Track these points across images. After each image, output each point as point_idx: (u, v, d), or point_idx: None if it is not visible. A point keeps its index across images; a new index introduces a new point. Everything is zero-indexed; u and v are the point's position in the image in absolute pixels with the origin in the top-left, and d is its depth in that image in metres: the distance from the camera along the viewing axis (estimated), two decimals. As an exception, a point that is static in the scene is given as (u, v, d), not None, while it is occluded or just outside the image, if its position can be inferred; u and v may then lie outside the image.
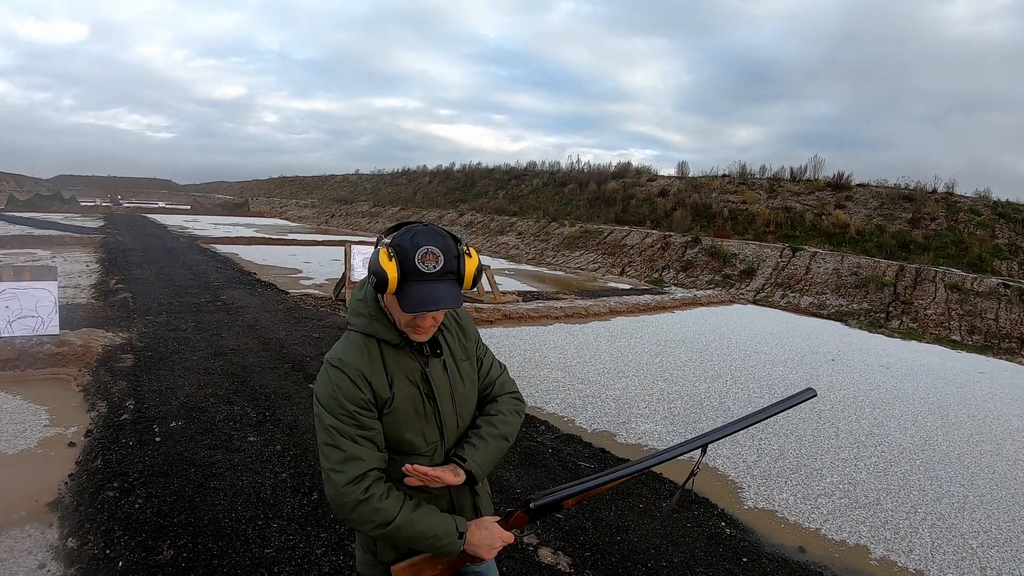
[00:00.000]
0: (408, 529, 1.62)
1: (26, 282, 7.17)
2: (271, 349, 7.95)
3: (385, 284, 1.56)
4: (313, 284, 14.60)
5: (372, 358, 1.68)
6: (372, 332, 1.69)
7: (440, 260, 1.58)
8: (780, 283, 18.64)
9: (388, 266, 1.55)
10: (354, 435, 1.61)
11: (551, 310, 12.29)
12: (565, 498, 1.76)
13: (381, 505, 1.59)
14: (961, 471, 5.82)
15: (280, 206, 57.45)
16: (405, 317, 1.64)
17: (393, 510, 1.61)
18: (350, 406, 1.62)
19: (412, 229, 1.62)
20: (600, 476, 1.79)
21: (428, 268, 1.57)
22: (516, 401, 1.96)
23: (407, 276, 1.56)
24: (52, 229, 23.89)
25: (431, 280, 1.58)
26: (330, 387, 1.64)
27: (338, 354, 1.69)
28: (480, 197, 39.09)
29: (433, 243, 1.59)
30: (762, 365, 9.39)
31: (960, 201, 21.91)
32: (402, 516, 1.61)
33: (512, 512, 1.77)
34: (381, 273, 1.55)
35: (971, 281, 16.21)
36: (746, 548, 4.10)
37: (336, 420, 1.62)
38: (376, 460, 1.64)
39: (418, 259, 1.56)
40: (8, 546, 3.43)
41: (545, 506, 1.75)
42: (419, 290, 1.57)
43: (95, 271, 14.22)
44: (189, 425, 5.26)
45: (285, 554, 3.49)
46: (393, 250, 1.58)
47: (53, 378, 6.46)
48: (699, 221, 25.50)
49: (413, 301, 1.57)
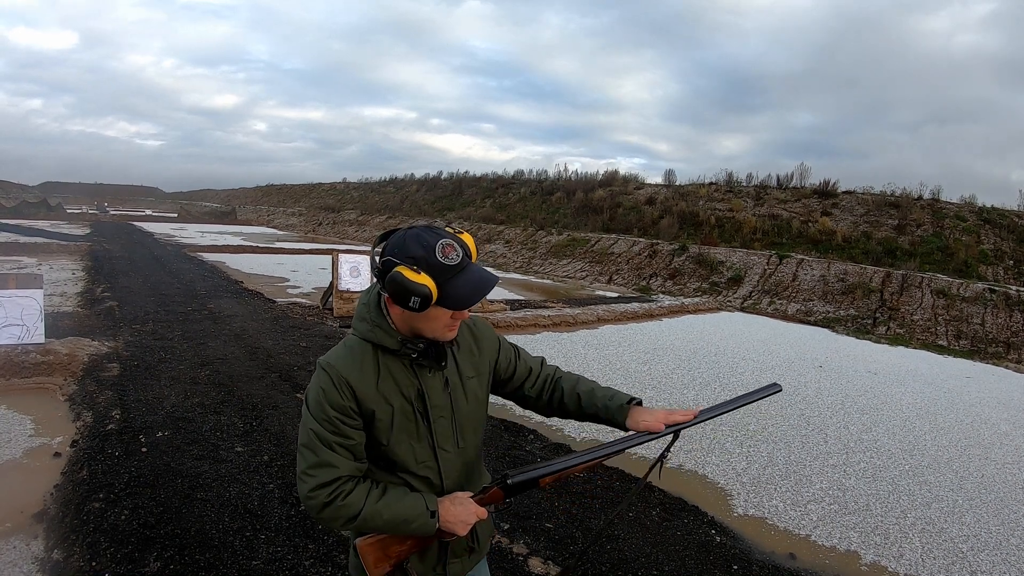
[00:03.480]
0: (377, 519, 1.57)
1: (11, 290, 7.10)
2: (258, 358, 7.90)
3: (430, 298, 1.51)
4: (300, 293, 14.57)
5: (364, 366, 1.64)
6: (372, 338, 1.65)
7: (457, 247, 1.57)
8: (767, 290, 18.71)
9: (423, 279, 1.50)
10: (331, 441, 1.57)
11: (539, 319, 12.29)
12: (542, 476, 1.73)
13: (345, 501, 1.55)
14: (950, 476, 5.84)
15: (267, 214, 57.34)
16: (442, 321, 1.61)
17: (358, 503, 1.56)
18: (331, 411, 1.58)
19: (409, 237, 1.57)
20: (576, 456, 1.79)
21: (453, 260, 1.54)
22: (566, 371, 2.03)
23: (441, 278, 1.53)
24: (38, 236, 23.73)
25: (464, 269, 1.56)
26: (317, 390, 1.61)
27: (330, 358, 1.66)
28: (468, 206, 39.15)
29: (443, 236, 1.57)
30: (750, 372, 9.41)
31: (945, 207, 22.09)
32: (368, 507, 1.56)
33: (488, 487, 1.72)
34: (421, 290, 1.50)
35: (957, 286, 16.33)
36: (737, 555, 4.10)
37: (317, 424, 1.59)
38: (350, 469, 1.60)
39: (440, 256, 1.53)
40: (-9, 559, 3.38)
41: (522, 483, 1.71)
42: (461, 284, 1.55)
43: (81, 279, 14.11)
44: (176, 435, 5.21)
45: (273, 566, 3.46)
46: (413, 263, 1.53)
47: (38, 387, 6.40)
48: (686, 229, 25.59)
49: (465, 296, 1.55)
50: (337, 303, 11.52)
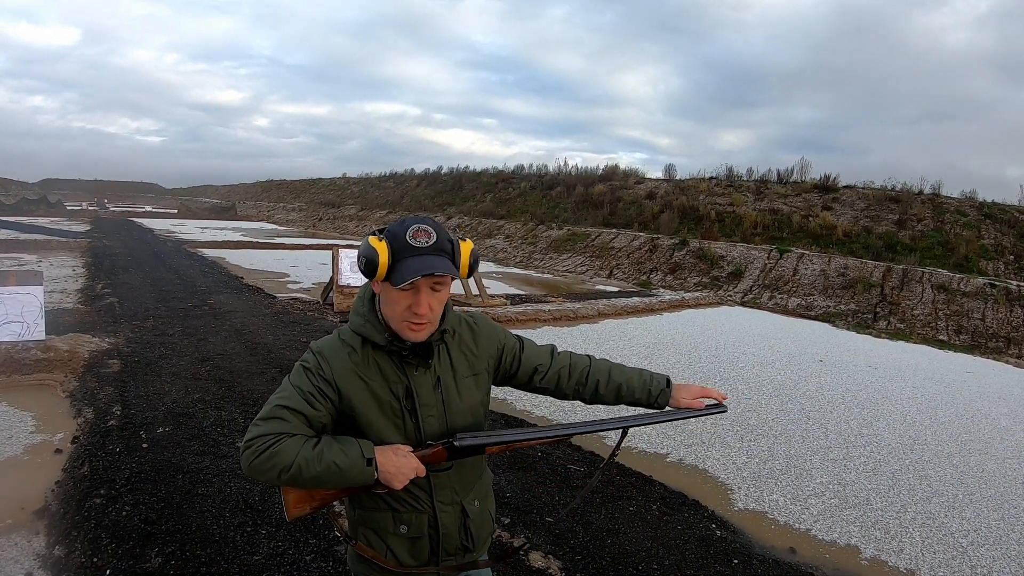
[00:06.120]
0: (311, 467, 1.50)
1: (12, 287, 7.10)
2: (259, 354, 7.90)
3: (375, 266, 1.52)
4: (301, 288, 14.56)
5: (352, 356, 1.65)
6: (363, 332, 1.66)
7: (433, 236, 1.56)
8: (768, 285, 18.69)
9: (378, 246, 1.53)
10: (294, 405, 1.56)
11: (539, 313, 12.28)
12: (489, 444, 1.73)
13: (278, 448, 1.48)
14: (950, 470, 5.84)
15: (267, 210, 57.24)
16: (399, 308, 1.58)
17: (292, 451, 1.49)
18: (307, 383, 1.59)
19: (404, 219, 1.60)
20: (526, 432, 1.85)
21: (420, 243, 1.54)
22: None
23: (398, 254, 1.53)
24: (38, 233, 23.73)
25: (423, 254, 1.54)
26: (299, 365, 1.64)
27: (320, 344, 1.68)
28: (468, 200, 39.03)
29: (425, 223, 1.57)
30: (750, 367, 9.41)
31: (946, 202, 22.03)
32: (302, 455, 1.50)
33: (432, 446, 1.68)
34: (371, 253, 1.52)
35: (958, 281, 16.30)
36: (737, 550, 4.10)
37: (289, 387, 1.60)
38: (299, 431, 1.56)
39: (409, 236, 1.54)
40: (-7, 555, 3.39)
41: (469, 447, 1.69)
42: (410, 263, 1.53)
43: (81, 275, 14.12)
44: (176, 431, 5.22)
45: (274, 560, 3.47)
46: (383, 234, 1.56)
47: (39, 384, 6.41)
48: (687, 223, 25.52)
49: (403, 273, 1.51)
50: (337, 298, 11.51)
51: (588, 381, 1.96)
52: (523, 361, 1.93)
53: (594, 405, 2.03)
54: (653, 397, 1.94)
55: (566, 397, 1.99)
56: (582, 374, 1.97)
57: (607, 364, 2.00)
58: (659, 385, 1.93)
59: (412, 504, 1.72)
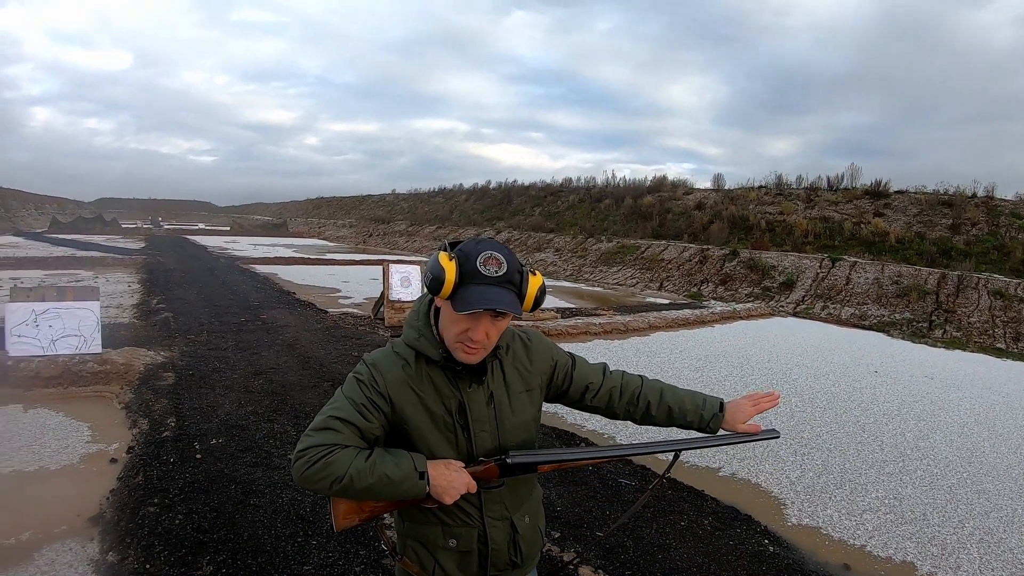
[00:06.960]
0: (364, 479, 1.49)
1: (69, 302, 7.33)
2: (311, 367, 8.00)
3: (440, 284, 1.49)
4: (352, 303, 14.74)
5: (406, 369, 1.64)
6: (417, 346, 1.64)
7: (504, 266, 1.53)
8: (820, 294, 18.38)
9: (447, 265, 1.49)
10: (347, 416, 1.55)
11: (590, 326, 12.23)
12: (542, 462, 1.71)
13: (332, 459, 1.48)
14: (1009, 484, 5.64)
15: (318, 226, 58.12)
16: (456, 329, 1.56)
17: (345, 462, 1.49)
18: (361, 395, 1.59)
19: (476, 238, 1.59)
20: (578, 452, 1.88)
21: (489, 272, 1.51)
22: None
23: (465, 278, 1.50)
24: (94, 251, 24.45)
25: (489, 284, 1.52)
26: (353, 376, 1.63)
27: (374, 356, 1.68)
28: (517, 214, 39.14)
29: (497, 250, 1.55)
30: (804, 379, 9.24)
31: (1001, 205, 21.41)
32: (355, 467, 1.49)
33: (485, 462, 1.67)
34: (438, 271, 1.49)
35: (1015, 287, 15.84)
36: (790, 566, 4.01)
37: (343, 399, 1.59)
38: (351, 443, 1.56)
39: (480, 261, 1.51)
40: (49, 559, 3.48)
41: (521, 465, 1.67)
42: (475, 291, 1.50)
43: (137, 291, 14.49)
44: (229, 443, 5.30)
45: (324, 571, 3.49)
46: (454, 252, 1.53)
47: (96, 395, 6.58)
48: (736, 233, 25.25)
49: (467, 301, 1.48)
50: (388, 313, 11.59)
51: (639, 402, 1.91)
52: (575, 379, 1.89)
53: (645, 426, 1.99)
54: (705, 421, 1.89)
55: (617, 417, 1.95)
56: (633, 394, 1.92)
57: (659, 385, 1.95)
58: (712, 409, 1.89)
59: (462, 518, 1.70)
